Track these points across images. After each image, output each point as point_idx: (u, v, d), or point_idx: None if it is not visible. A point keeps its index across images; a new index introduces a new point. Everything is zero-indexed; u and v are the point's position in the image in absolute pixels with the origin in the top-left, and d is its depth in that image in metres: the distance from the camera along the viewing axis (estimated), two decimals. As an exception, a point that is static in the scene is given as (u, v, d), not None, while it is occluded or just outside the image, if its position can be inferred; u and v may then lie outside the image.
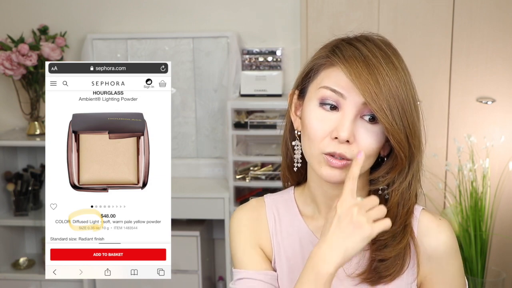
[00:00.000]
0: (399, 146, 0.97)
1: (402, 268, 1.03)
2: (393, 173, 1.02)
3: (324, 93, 0.99)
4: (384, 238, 1.02)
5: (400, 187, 1.02)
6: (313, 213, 1.11)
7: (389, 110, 0.95)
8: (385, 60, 0.98)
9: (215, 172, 3.03)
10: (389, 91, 0.95)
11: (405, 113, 0.97)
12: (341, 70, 0.97)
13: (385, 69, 0.97)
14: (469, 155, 2.39)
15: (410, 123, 0.98)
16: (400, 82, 0.97)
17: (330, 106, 0.99)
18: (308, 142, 1.01)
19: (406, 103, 0.97)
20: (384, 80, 0.96)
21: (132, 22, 3.01)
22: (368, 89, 0.95)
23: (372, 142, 0.98)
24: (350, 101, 0.97)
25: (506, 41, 2.53)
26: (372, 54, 0.98)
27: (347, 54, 0.98)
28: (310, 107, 1.01)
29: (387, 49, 1.01)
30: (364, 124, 0.98)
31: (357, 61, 0.97)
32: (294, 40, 2.91)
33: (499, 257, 2.61)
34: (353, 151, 0.97)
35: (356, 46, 1.00)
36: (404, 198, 1.03)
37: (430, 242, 1.05)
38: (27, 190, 2.99)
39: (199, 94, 3.00)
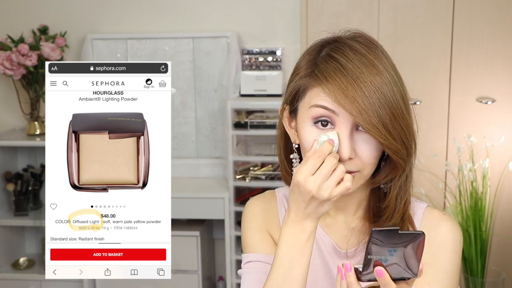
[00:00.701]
0: (396, 154, 0.97)
1: None
2: (394, 173, 1.02)
3: (316, 112, 0.98)
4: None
5: (398, 181, 1.04)
6: None
7: (380, 124, 0.94)
8: (367, 68, 0.96)
9: (215, 172, 3.03)
10: (378, 101, 0.94)
11: (397, 118, 0.95)
12: (327, 90, 0.96)
13: (369, 77, 0.95)
14: (469, 155, 2.39)
15: (404, 126, 0.97)
16: (386, 85, 0.95)
17: (323, 123, 0.98)
18: None
19: (397, 107, 0.96)
20: (370, 91, 0.94)
21: (132, 22, 3.01)
22: (356, 108, 0.93)
23: (373, 152, 0.98)
24: (343, 117, 0.96)
25: (506, 41, 2.53)
26: (352, 64, 0.96)
27: (328, 73, 0.96)
28: (304, 128, 1.00)
29: (367, 51, 0.98)
30: (361, 136, 0.97)
31: (339, 79, 0.95)
32: (294, 40, 2.91)
33: (499, 257, 2.61)
34: (357, 164, 0.97)
35: (335, 59, 0.97)
36: (402, 190, 1.04)
37: (431, 231, 1.05)
38: (27, 190, 2.99)
39: (199, 94, 3.00)
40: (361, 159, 0.97)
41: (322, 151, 0.93)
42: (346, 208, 1.10)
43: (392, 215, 1.04)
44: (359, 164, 0.98)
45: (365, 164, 0.98)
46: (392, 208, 1.05)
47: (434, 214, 1.08)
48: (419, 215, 1.08)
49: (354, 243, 1.09)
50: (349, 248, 1.09)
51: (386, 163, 1.03)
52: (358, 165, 0.98)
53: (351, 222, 1.11)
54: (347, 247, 1.09)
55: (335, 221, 1.12)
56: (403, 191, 1.04)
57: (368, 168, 0.99)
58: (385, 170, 1.03)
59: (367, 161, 0.98)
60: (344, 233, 1.11)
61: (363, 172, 0.99)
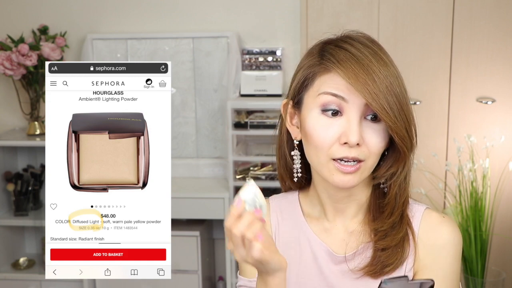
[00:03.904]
0: (402, 141, 0.99)
1: (403, 256, 1.05)
2: (395, 167, 1.04)
3: (325, 99, 0.99)
4: (384, 228, 1.05)
5: (398, 180, 1.05)
6: (319, 215, 1.12)
7: (389, 108, 0.96)
8: (375, 57, 0.98)
9: (215, 172, 3.03)
10: (386, 89, 0.96)
11: (402, 107, 0.98)
12: (338, 74, 0.98)
13: (378, 67, 0.97)
14: (469, 155, 2.39)
15: (407, 116, 1.00)
16: (393, 77, 0.98)
17: (332, 112, 0.99)
18: (315, 150, 1.01)
19: (402, 97, 0.99)
20: (380, 78, 0.96)
21: (132, 22, 3.01)
22: (368, 90, 0.95)
23: (380, 141, 1.00)
24: (352, 103, 0.98)
25: (506, 41, 2.53)
26: (362, 53, 0.98)
27: (339, 58, 0.98)
28: (311, 116, 1.01)
29: (373, 46, 1.01)
30: (368, 124, 0.99)
31: (350, 63, 0.97)
32: (294, 40, 2.91)
33: (499, 257, 2.61)
34: (364, 151, 0.99)
35: (344, 48, 1.00)
36: (401, 189, 1.06)
37: (430, 235, 1.06)
38: (27, 190, 2.99)
39: (199, 94, 3.00)
40: (368, 147, 0.99)
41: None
42: (346, 210, 1.10)
43: (392, 212, 1.05)
44: (366, 152, 0.99)
45: (371, 152, 0.99)
46: (392, 206, 1.06)
47: (434, 217, 1.08)
48: (417, 217, 1.08)
49: (353, 246, 1.08)
50: (348, 252, 1.08)
51: (387, 156, 1.05)
52: (365, 153, 0.99)
53: (350, 225, 1.10)
54: (346, 250, 1.08)
55: (333, 225, 1.11)
56: (402, 189, 1.06)
57: (372, 158, 1.00)
58: (386, 164, 1.05)
59: (373, 150, 0.99)
60: (343, 237, 1.10)
61: (367, 163, 1.00)
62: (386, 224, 1.05)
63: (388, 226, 1.05)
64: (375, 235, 1.05)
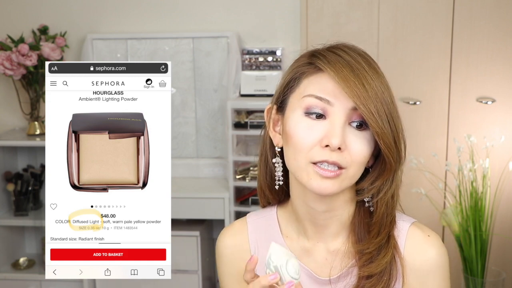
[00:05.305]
0: (389, 150, 0.95)
1: (389, 283, 1.00)
2: (380, 180, 1.00)
3: (309, 101, 0.96)
4: (369, 251, 1.00)
5: (385, 197, 1.00)
6: (297, 233, 1.08)
7: (377, 114, 0.93)
8: (367, 65, 0.96)
9: (215, 172, 3.03)
10: (376, 96, 0.94)
11: (392, 116, 0.96)
12: (328, 74, 0.95)
13: (370, 75, 0.95)
14: (469, 155, 2.39)
15: (397, 127, 0.97)
16: (383, 87, 0.96)
17: (316, 115, 0.96)
18: (294, 153, 0.97)
19: (392, 107, 0.96)
20: (370, 84, 0.94)
21: (132, 22, 3.01)
22: (357, 93, 0.93)
23: (363, 148, 0.96)
24: (338, 107, 0.95)
25: (506, 41, 2.53)
26: (355, 59, 0.96)
27: (331, 59, 0.96)
28: (293, 116, 0.98)
29: (366, 57, 0.99)
30: (352, 131, 0.96)
31: (342, 65, 0.95)
32: (294, 40, 2.90)
33: (499, 257, 2.61)
34: (346, 158, 0.94)
35: (337, 53, 0.98)
36: (389, 208, 1.01)
37: (416, 258, 1.02)
38: (27, 190, 2.99)
39: (199, 94, 3.00)
40: (350, 153, 0.95)
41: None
42: (327, 228, 1.04)
43: (379, 232, 1.01)
44: (347, 159, 0.94)
45: (353, 160, 0.95)
46: (378, 226, 1.01)
47: (418, 236, 1.03)
48: (402, 237, 1.03)
49: (338, 268, 1.03)
50: (332, 274, 1.03)
51: (372, 169, 1.01)
52: (347, 159, 0.94)
53: (332, 245, 1.05)
54: (330, 273, 1.03)
55: (313, 244, 1.06)
56: (389, 208, 1.01)
57: (354, 167, 0.96)
58: (371, 176, 1.01)
59: (355, 157, 0.95)
60: (325, 256, 1.05)
61: (348, 171, 0.95)
62: (373, 244, 1.00)
63: (374, 248, 1.00)
64: (360, 258, 1.01)
